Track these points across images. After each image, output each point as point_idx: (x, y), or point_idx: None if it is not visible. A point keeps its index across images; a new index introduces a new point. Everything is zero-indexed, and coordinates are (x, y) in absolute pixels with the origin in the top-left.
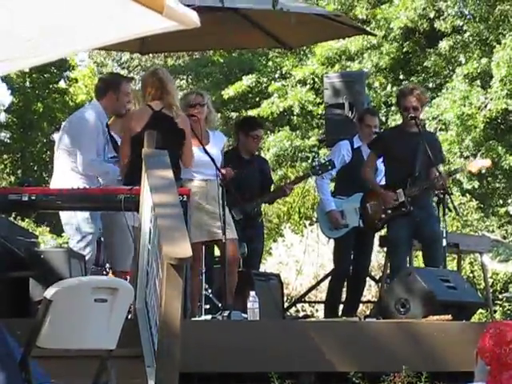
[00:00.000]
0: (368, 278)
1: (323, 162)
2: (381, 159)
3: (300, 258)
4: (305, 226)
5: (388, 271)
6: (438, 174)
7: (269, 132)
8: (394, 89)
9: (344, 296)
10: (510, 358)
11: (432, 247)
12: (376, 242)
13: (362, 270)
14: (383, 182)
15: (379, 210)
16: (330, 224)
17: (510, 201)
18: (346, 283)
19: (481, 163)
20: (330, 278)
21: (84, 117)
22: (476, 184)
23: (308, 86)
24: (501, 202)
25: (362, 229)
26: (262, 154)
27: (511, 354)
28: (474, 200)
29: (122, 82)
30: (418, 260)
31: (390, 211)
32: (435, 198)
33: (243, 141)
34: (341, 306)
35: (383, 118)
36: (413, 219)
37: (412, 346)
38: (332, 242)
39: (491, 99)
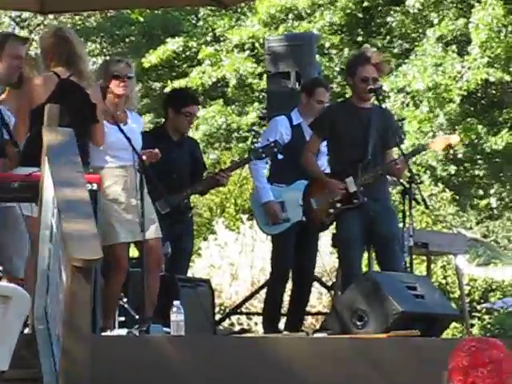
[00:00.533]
0: (318, 285)
1: (267, 143)
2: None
3: (235, 259)
4: (242, 222)
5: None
6: (396, 157)
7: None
8: (353, 52)
9: (287, 306)
10: (487, 382)
11: (388, 248)
12: (328, 240)
13: (307, 275)
14: (327, 170)
15: (326, 203)
16: (267, 218)
17: (492, 191)
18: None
19: (446, 140)
20: (268, 282)
21: None
22: (453, 169)
23: (247, 53)
24: (481, 192)
25: (306, 223)
26: (190, 134)
27: (489, 377)
28: (447, 190)
29: (7, 40)
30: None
31: (339, 204)
32: (400, 188)
33: (173, 119)
34: (285, 319)
35: (338, 90)
36: (366, 213)
37: (370, 366)
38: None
39: (469, 68)
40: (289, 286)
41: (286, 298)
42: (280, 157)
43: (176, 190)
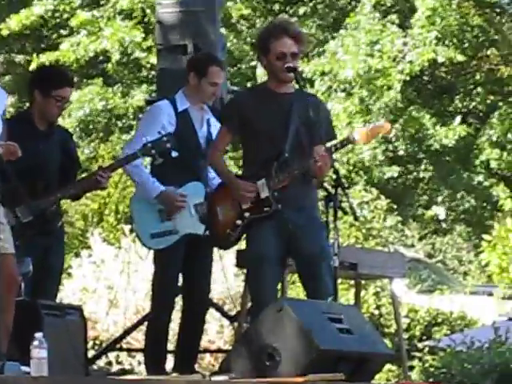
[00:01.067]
0: (219, 315)
1: (159, 136)
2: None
3: (115, 281)
4: (123, 233)
5: (250, 304)
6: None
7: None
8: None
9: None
10: None
11: (312, 270)
12: (232, 259)
13: (200, 300)
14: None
15: (234, 213)
16: (152, 222)
17: (439, 199)
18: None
19: (374, 128)
20: (149, 311)
21: None
22: (395, 171)
23: (134, 20)
24: (425, 199)
25: (201, 238)
26: (60, 122)
27: None
28: (383, 197)
29: None
30: (298, 288)
31: (247, 214)
32: (322, 193)
33: (40, 103)
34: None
35: (248, 72)
36: (284, 225)
37: None
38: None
39: (414, 46)
40: (178, 314)
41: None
42: (174, 154)
43: (42, 193)
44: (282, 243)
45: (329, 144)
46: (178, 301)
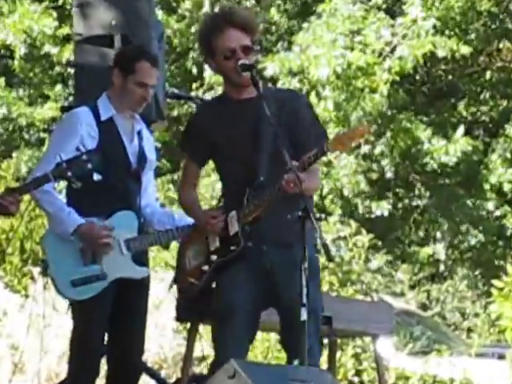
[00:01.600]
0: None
1: (77, 154)
2: None
3: (20, 339)
4: (32, 278)
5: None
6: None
7: None
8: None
9: None
10: None
11: (295, 321)
12: (168, 310)
13: (129, 364)
14: None
15: (202, 256)
16: (73, 265)
17: (438, 234)
18: None
19: (352, 133)
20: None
21: None
22: (385, 210)
23: (45, 3)
24: (420, 235)
25: (134, 283)
26: None
27: None
28: (364, 231)
29: None
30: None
31: (215, 256)
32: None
33: None
34: None
35: (194, 70)
36: (261, 267)
37: None
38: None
39: (404, 37)
40: (103, 381)
41: None
42: (97, 177)
43: None
44: (258, 291)
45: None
46: (104, 364)
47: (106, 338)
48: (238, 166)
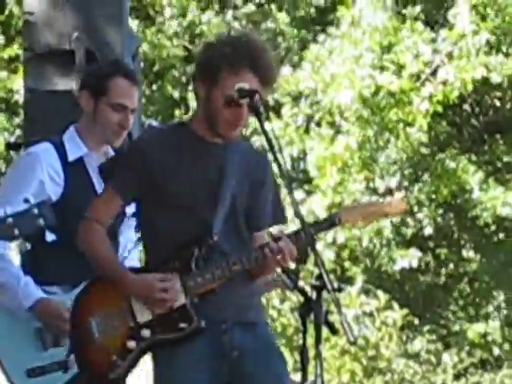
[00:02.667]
0: None
1: (25, 207)
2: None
3: None
4: None
5: None
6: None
7: None
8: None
9: None
10: None
11: None
12: None
13: None
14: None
15: (123, 327)
16: (30, 350)
17: (490, 308)
18: None
19: (379, 206)
20: None
21: None
22: (414, 258)
23: None
24: (469, 310)
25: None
26: None
27: None
28: (396, 305)
29: None
30: None
31: (147, 331)
32: (295, 299)
33: None
34: None
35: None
36: (220, 349)
37: None
38: None
39: (448, 56)
40: None
41: None
42: (50, 237)
43: None
44: (217, 375)
45: (309, 226)
46: None
47: None
48: (185, 217)
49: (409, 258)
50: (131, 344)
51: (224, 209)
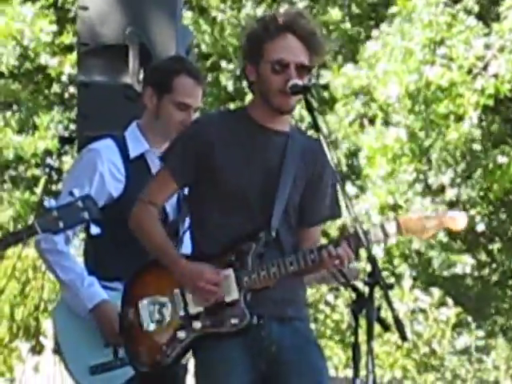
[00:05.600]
0: None
1: (70, 200)
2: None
3: None
4: (21, 360)
5: None
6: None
7: None
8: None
9: None
10: None
11: None
12: None
13: None
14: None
15: (174, 316)
16: (93, 347)
17: None
18: None
19: (436, 221)
20: None
21: None
22: (468, 265)
23: (39, 4)
24: None
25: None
26: None
27: None
28: (450, 301)
29: None
30: None
31: (198, 323)
32: (347, 295)
33: None
34: None
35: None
36: (263, 347)
37: None
38: None
39: (501, 50)
40: None
41: None
42: (95, 231)
43: None
44: (256, 373)
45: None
46: None
47: None
48: (242, 207)
49: (463, 264)
50: (181, 334)
51: (283, 201)
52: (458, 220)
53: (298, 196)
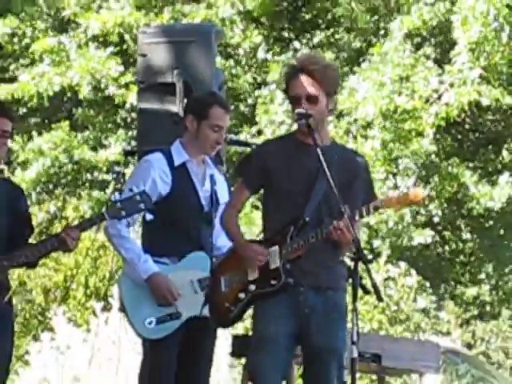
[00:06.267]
0: None
1: (131, 195)
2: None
3: (83, 372)
4: (94, 313)
5: None
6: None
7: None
8: (276, 57)
9: None
10: None
11: (320, 367)
12: (224, 346)
13: None
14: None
15: (239, 284)
16: (148, 306)
17: (482, 274)
18: None
19: (404, 197)
20: None
21: None
22: (428, 237)
23: (110, 49)
24: (467, 277)
25: (206, 321)
26: (18, 177)
27: None
28: (414, 272)
29: None
30: None
31: (253, 286)
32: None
33: None
34: None
35: (246, 112)
36: (299, 306)
37: None
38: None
39: (451, 85)
40: None
41: None
42: (149, 217)
43: None
44: (293, 326)
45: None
46: None
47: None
48: (287, 201)
49: (424, 236)
50: (241, 295)
51: (317, 198)
52: (418, 192)
53: (338, 190)
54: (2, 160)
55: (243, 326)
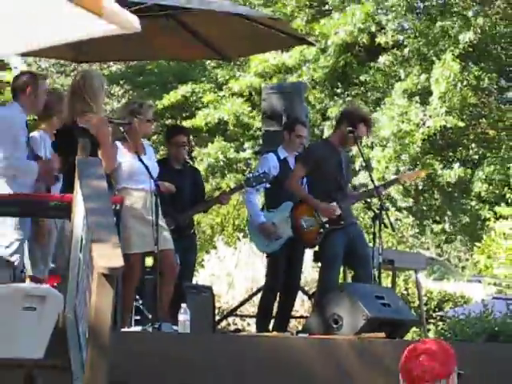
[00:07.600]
0: (301, 293)
1: (257, 174)
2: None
3: (232, 271)
4: (238, 239)
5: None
6: (373, 185)
7: (205, 144)
8: (332, 102)
9: (276, 310)
10: (417, 370)
11: (365, 268)
12: (310, 256)
13: (294, 285)
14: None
15: (316, 224)
16: (263, 238)
17: (446, 218)
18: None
19: (416, 173)
20: (262, 292)
21: (6, 114)
22: (410, 202)
23: (244, 98)
24: (437, 218)
25: (295, 240)
26: (196, 165)
27: (418, 366)
28: (410, 216)
29: (38, 79)
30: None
31: (327, 225)
32: (371, 213)
33: (169, 149)
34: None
35: (318, 132)
36: (348, 235)
37: (344, 363)
38: (265, 256)
39: (430, 116)
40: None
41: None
42: (267, 186)
43: (179, 211)
44: (344, 247)
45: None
46: None
47: None
48: (331, 179)
49: (407, 203)
50: (320, 230)
51: (343, 176)
52: (421, 172)
53: (346, 174)
54: (183, 159)
55: None
